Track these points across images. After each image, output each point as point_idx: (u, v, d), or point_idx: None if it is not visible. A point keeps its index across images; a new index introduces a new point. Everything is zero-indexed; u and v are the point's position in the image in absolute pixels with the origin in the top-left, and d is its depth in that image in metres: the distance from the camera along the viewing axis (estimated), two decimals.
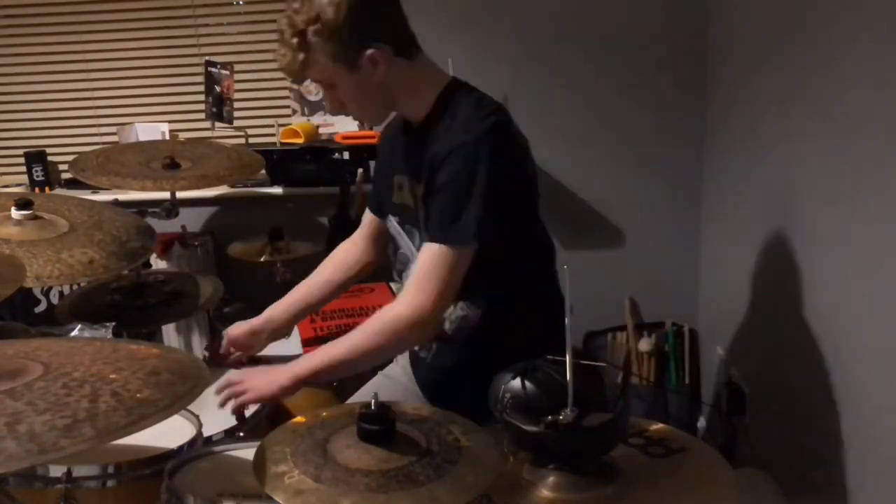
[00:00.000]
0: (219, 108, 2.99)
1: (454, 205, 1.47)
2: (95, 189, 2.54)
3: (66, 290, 2.71)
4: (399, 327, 1.50)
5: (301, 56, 1.51)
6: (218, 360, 1.78)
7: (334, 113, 1.70)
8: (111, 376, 1.02)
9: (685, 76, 2.82)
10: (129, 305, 2.00)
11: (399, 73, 1.54)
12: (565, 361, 1.12)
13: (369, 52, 1.49)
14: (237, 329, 1.81)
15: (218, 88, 2.97)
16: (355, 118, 1.67)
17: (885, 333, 1.56)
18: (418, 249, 1.60)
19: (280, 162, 2.82)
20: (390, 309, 1.53)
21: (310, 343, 2.07)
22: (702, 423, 2.86)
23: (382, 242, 1.85)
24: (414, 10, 2.96)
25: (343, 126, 2.93)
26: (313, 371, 1.52)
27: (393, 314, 1.51)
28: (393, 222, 1.73)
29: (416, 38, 1.59)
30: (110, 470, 1.24)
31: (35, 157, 2.97)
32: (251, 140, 3.05)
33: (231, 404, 1.50)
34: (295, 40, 1.52)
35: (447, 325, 1.63)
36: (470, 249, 1.49)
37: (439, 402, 1.52)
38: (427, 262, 1.50)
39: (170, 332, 2.87)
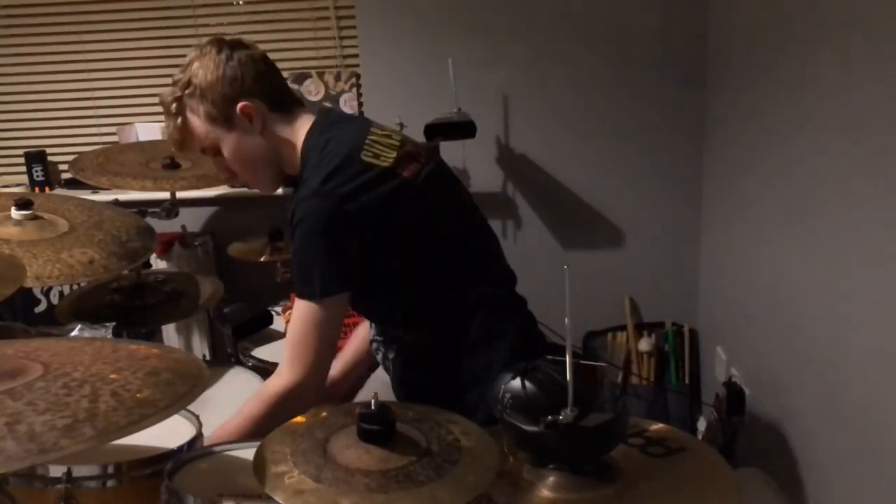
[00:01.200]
0: None
1: (303, 262, 1.47)
2: (95, 189, 2.54)
3: (66, 290, 2.71)
4: (281, 398, 1.49)
5: (178, 121, 1.56)
6: None
7: (228, 183, 1.68)
8: (111, 376, 1.02)
9: (685, 76, 2.82)
10: (129, 305, 2.00)
11: (276, 128, 1.57)
12: (565, 361, 1.12)
13: (240, 105, 1.52)
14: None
15: None
16: (249, 187, 1.68)
17: (886, 333, 1.56)
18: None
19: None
20: (269, 386, 1.52)
21: None
22: (702, 423, 2.86)
23: None
24: (414, 10, 2.97)
25: None
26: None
27: (273, 387, 1.51)
28: None
29: (294, 96, 1.63)
30: (110, 470, 1.24)
31: (35, 157, 2.97)
32: None
33: None
34: (173, 107, 1.56)
35: (389, 369, 1.67)
36: (329, 302, 1.47)
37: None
38: (294, 325, 1.50)
39: (170, 332, 2.87)
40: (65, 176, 3.06)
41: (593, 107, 2.90)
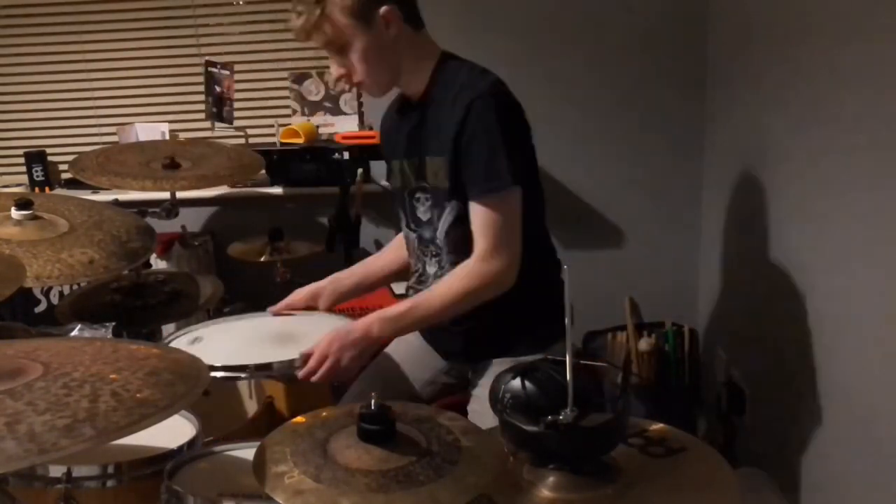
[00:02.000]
0: (219, 108, 3.00)
1: (486, 158, 1.53)
2: (95, 189, 2.54)
3: (66, 290, 2.71)
4: (488, 288, 1.56)
5: (318, 11, 1.54)
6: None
7: (336, 83, 1.73)
8: (111, 376, 1.02)
9: (685, 77, 2.82)
10: (129, 305, 2.00)
11: (406, 39, 1.61)
12: (565, 361, 1.12)
13: (384, 9, 1.56)
14: (299, 293, 1.83)
15: (218, 88, 2.97)
16: (360, 87, 1.70)
17: (886, 333, 1.56)
18: (438, 222, 1.66)
19: (280, 162, 2.82)
20: (476, 263, 1.56)
21: None
22: (702, 423, 2.86)
23: None
24: None
25: (343, 126, 2.94)
26: (395, 330, 1.62)
27: (478, 279, 1.56)
28: (405, 229, 1.78)
29: (420, 15, 1.67)
30: (110, 470, 1.24)
31: (35, 157, 2.97)
32: (251, 140, 3.05)
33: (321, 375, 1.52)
34: None
35: None
36: (515, 194, 1.55)
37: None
38: (483, 223, 1.55)
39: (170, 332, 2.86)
40: (65, 176, 3.06)
41: (593, 107, 2.90)
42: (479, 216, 1.56)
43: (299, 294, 1.82)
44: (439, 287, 1.60)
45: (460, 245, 1.63)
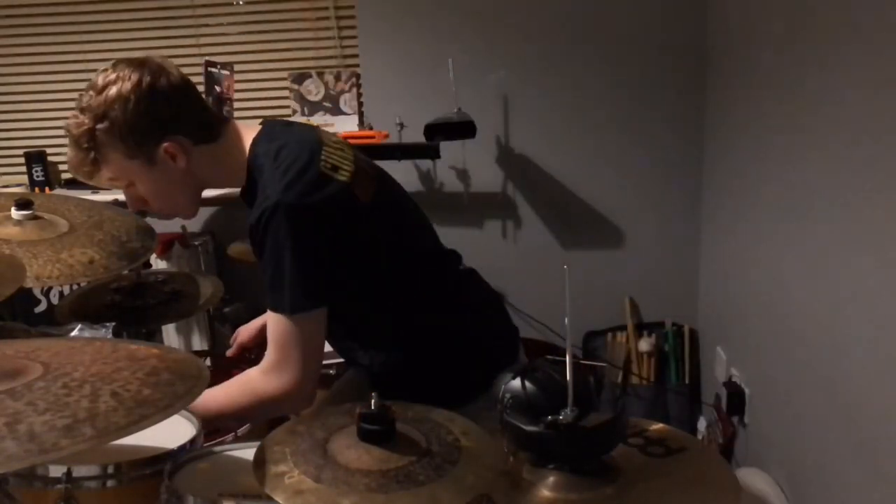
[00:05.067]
0: (219, 107, 2.99)
1: (274, 276, 1.40)
2: (95, 189, 2.54)
3: (66, 290, 2.71)
4: (274, 404, 1.46)
5: (92, 155, 1.47)
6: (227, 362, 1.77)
7: (137, 212, 1.58)
8: (111, 376, 1.02)
9: (685, 76, 2.82)
10: (129, 305, 1.99)
11: (203, 159, 1.50)
12: (565, 361, 1.12)
13: (164, 144, 1.45)
14: (245, 331, 1.78)
15: (218, 88, 2.97)
16: (162, 214, 1.63)
17: (886, 333, 1.56)
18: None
19: None
20: (258, 384, 1.46)
21: None
22: (702, 423, 2.86)
23: None
24: (414, 10, 2.97)
25: (343, 126, 2.93)
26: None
27: (264, 394, 1.45)
28: None
29: (217, 118, 1.54)
30: (110, 470, 1.24)
31: (35, 157, 2.97)
32: None
33: None
34: (84, 139, 1.46)
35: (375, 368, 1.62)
36: (306, 317, 1.42)
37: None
38: (272, 336, 1.44)
39: (170, 332, 2.87)
40: (65, 176, 3.06)
41: (593, 107, 2.90)
42: (269, 326, 1.44)
43: (245, 332, 1.76)
44: (219, 391, 1.47)
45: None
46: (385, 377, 1.60)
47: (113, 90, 1.42)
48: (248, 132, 1.53)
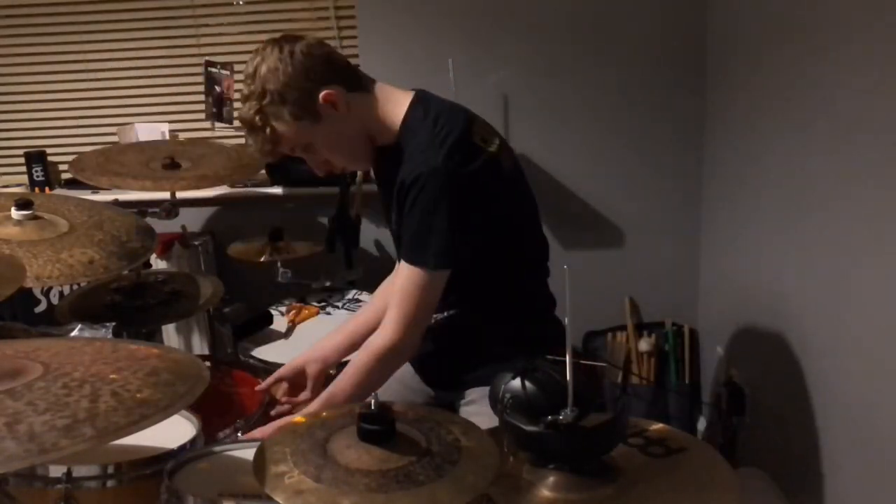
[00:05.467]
0: (219, 108, 3.00)
1: (420, 232, 1.51)
2: (95, 189, 2.54)
3: (66, 290, 2.71)
4: (384, 357, 1.57)
5: (267, 130, 1.55)
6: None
7: (324, 174, 1.70)
8: (111, 376, 1.02)
9: (685, 76, 2.82)
10: (129, 305, 1.99)
11: (361, 106, 1.58)
12: (565, 361, 1.12)
13: (322, 95, 1.53)
14: (285, 370, 1.78)
15: (218, 88, 2.97)
16: (347, 170, 1.75)
17: (885, 333, 1.56)
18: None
19: (280, 162, 2.82)
20: (374, 341, 1.59)
21: None
22: (702, 423, 2.86)
23: None
24: (414, 10, 2.97)
25: None
26: None
27: (376, 346, 1.58)
28: None
29: (362, 73, 1.64)
30: (110, 470, 1.24)
31: (35, 157, 2.97)
32: None
33: None
34: (257, 119, 1.55)
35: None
36: (440, 273, 1.54)
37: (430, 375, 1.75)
38: (402, 286, 1.55)
39: (170, 332, 2.87)
40: (65, 176, 3.06)
41: (593, 107, 2.90)
42: (400, 279, 1.56)
43: (285, 371, 1.78)
44: (349, 369, 1.60)
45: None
46: (438, 341, 1.70)
47: (263, 68, 1.53)
48: (402, 95, 1.63)
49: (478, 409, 1.60)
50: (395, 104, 1.60)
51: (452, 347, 1.72)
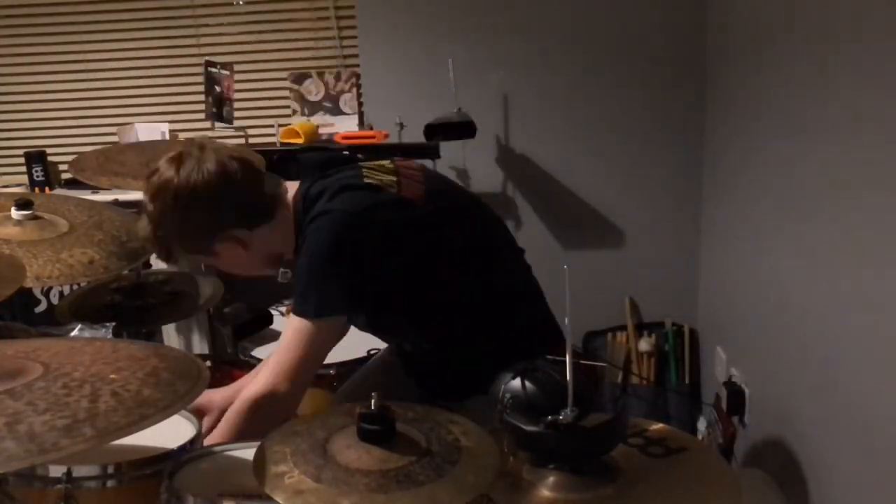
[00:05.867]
0: (219, 108, 2.99)
1: (305, 278, 1.45)
2: (95, 189, 2.54)
3: (66, 290, 2.71)
4: (255, 404, 1.47)
5: (164, 250, 1.54)
6: None
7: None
8: (111, 376, 1.02)
9: (685, 76, 2.82)
10: (129, 305, 1.99)
11: (262, 235, 1.53)
12: (565, 361, 1.12)
13: (218, 238, 1.50)
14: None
15: (218, 88, 2.97)
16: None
17: (885, 333, 1.56)
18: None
19: (280, 162, 2.82)
20: (248, 389, 1.50)
21: None
22: (702, 423, 2.86)
23: None
24: (414, 10, 2.97)
25: (343, 126, 2.94)
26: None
27: (249, 392, 1.48)
28: None
29: (269, 198, 1.53)
30: (110, 470, 1.24)
31: (35, 157, 2.97)
32: (251, 140, 3.05)
33: None
34: (152, 241, 1.53)
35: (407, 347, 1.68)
36: (325, 322, 1.46)
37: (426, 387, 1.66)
38: (285, 336, 1.49)
39: (170, 332, 2.86)
40: (65, 176, 3.06)
41: (593, 107, 2.90)
42: (285, 331, 1.50)
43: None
44: (226, 415, 1.50)
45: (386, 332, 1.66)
46: (427, 364, 1.66)
47: (158, 203, 1.46)
48: (291, 189, 1.57)
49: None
50: (290, 213, 1.54)
51: (441, 364, 1.66)
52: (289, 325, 1.49)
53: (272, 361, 1.50)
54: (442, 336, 1.61)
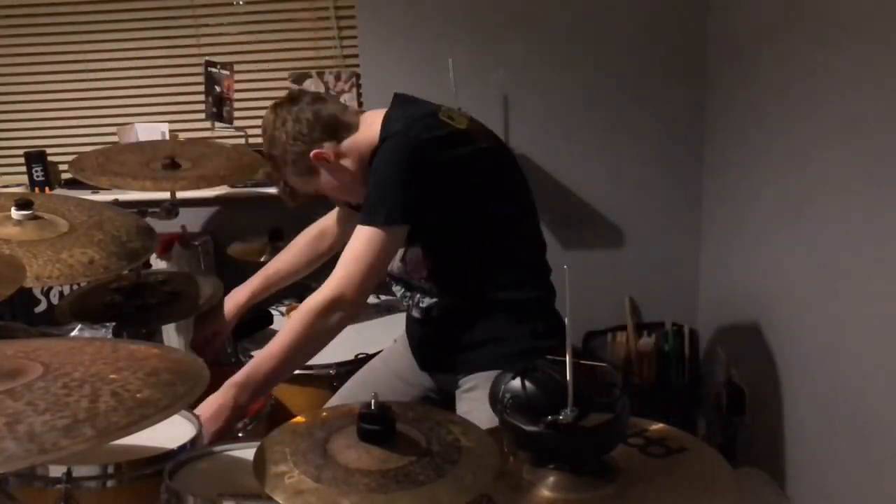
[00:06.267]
0: (219, 108, 2.99)
1: (376, 190, 1.59)
2: (95, 189, 2.54)
3: (66, 290, 2.71)
4: (320, 309, 1.57)
5: (281, 184, 1.81)
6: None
7: (347, 206, 1.98)
8: (111, 376, 1.02)
9: (685, 76, 2.82)
10: (129, 305, 1.99)
11: (350, 150, 1.72)
12: (565, 361, 1.12)
13: (313, 153, 1.70)
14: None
15: (218, 88, 2.97)
16: (352, 205, 1.93)
17: (885, 333, 1.56)
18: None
19: None
20: (311, 298, 1.61)
21: None
22: (702, 423, 2.86)
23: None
24: (414, 10, 2.97)
25: None
26: (254, 389, 1.56)
27: (314, 299, 1.59)
28: None
29: (350, 113, 1.75)
30: (110, 470, 1.24)
31: (35, 157, 2.97)
32: (251, 140, 3.05)
33: None
34: (272, 175, 1.83)
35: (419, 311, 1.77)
36: (391, 230, 1.57)
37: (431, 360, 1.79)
38: (351, 246, 1.60)
39: (170, 332, 2.86)
40: (65, 176, 3.06)
41: (593, 107, 2.90)
42: (351, 241, 1.61)
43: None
44: (279, 334, 1.61)
45: (420, 268, 1.73)
46: (444, 329, 1.74)
47: (267, 133, 1.75)
48: (381, 110, 1.72)
49: (478, 395, 1.61)
50: (375, 121, 1.69)
51: (448, 330, 1.73)
52: (355, 238, 1.59)
53: (338, 271, 1.59)
54: (475, 287, 1.69)
